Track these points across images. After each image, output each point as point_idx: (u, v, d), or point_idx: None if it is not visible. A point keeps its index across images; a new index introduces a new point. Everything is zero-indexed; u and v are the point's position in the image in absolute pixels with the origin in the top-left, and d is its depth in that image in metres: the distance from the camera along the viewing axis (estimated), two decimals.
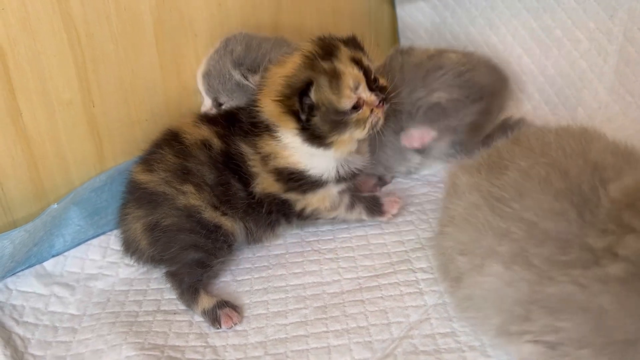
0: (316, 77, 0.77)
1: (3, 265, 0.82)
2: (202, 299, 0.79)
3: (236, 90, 0.95)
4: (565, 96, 1.12)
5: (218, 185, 0.83)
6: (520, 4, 1.15)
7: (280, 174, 0.84)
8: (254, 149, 0.84)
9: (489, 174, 0.67)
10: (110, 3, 0.88)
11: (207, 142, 0.85)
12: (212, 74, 0.95)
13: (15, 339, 0.76)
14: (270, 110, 0.81)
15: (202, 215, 0.82)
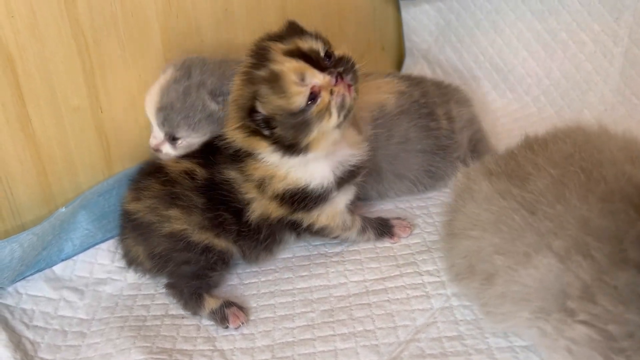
0: (257, 89, 0.73)
1: (13, 268, 0.82)
2: (208, 301, 0.79)
3: (204, 122, 0.86)
4: (571, 98, 1.12)
5: (207, 210, 0.81)
6: (524, 7, 1.15)
7: (283, 197, 0.80)
8: (243, 176, 0.80)
9: (514, 181, 0.69)
10: (118, 9, 0.89)
11: (190, 172, 0.83)
12: (175, 107, 0.85)
13: (25, 343, 0.77)
14: (237, 137, 0.77)
15: (190, 238, 0.80)
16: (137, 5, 0.91)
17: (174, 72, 0.87)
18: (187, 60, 0.89)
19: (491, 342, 0.69)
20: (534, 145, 0.74)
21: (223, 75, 0.87)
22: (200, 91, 0.85)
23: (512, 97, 1.20)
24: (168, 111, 0.85)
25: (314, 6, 1.16)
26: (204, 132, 0.87)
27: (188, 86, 0.85)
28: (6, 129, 0.83)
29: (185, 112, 0.85)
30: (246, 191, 0.81)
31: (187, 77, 0.86)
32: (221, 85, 0.86)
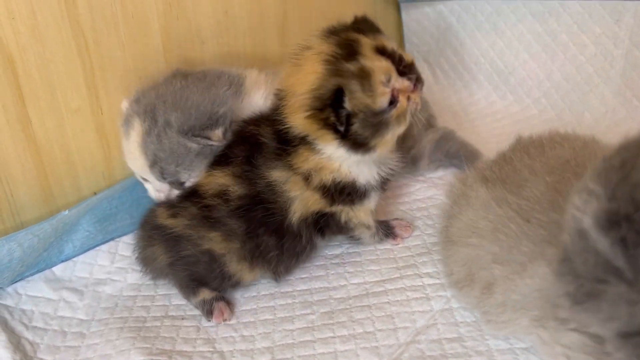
0: (345, 83, 0.70)
1: (13, 269, 0.82)
2: (203, 291, 0.79)
3: (197, 160, 0.80)
4: (572, 101, 1.12)
5: (247, 238, 0.77)
6: (525, 9, 1.15)
7: (329, 189, 0.77)
8: (289, 171, 0.76)
9: (510, 188, 0.69)
10: (118, 10, 0.89)
11: (224, 192, 0.77)
12: (163, 158, 0.79)
13: (25, 344, 0.76)
14: (303, 126, 0.73)
15: (225, 266, 0.78)
16: (138, 6, 0.91)
17: (141, 124, 0.79)
18: (144, 100, 0.81)
19: (491, 344, 0.69)
20: (530, 149, 0.74)
21: (186, 104, 0.79)
22: (169, 134, 0.78)
23: (512, 99, 1.20)
24: (160, 164, 0.79)
25: (314, 8, 1.16)
26: (201, 164, 0.81)
27: (158, 133, 0.78)
28: (7, 130, 0.84)
29: (174, 159, 0.79)
30: (289, 189, 0.76)
31: (154, 123, 0.79)
32: (187, 118, 0.78)
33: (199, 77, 0.84)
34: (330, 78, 0.71)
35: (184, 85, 0.82)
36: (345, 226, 0.83)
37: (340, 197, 0.78)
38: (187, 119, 0.78)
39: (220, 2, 1.01)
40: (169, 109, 0.79)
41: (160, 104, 0.79)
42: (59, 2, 0.83)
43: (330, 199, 0.78)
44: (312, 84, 0.71)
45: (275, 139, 0.77)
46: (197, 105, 0.79)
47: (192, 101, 0.79)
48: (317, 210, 0.79)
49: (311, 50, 0.74)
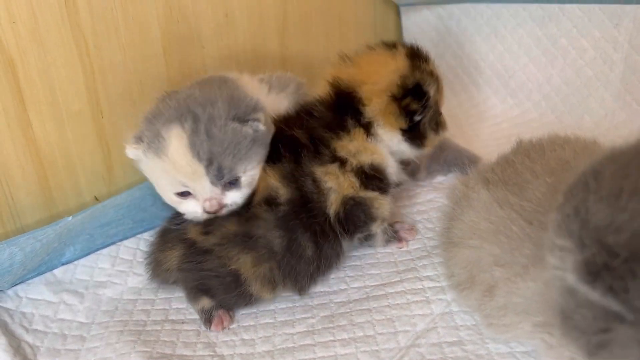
0: (425, 80, 0.82)
1: (14, 273, 0.82)
2: (203, 300, 0.79)
3: (254, 148, 0.75)
4: (571, 104, 1.12)
5: (282, 256, 0.76)
6: (525, 13, 1.16)
7: (365, 172, 0.80)
8: (326, 163, 0.79)
9: (512, 189, 0.69)
10: (119, 14, 0.89)
11: (273, 197, 0.77)
12: (220, 153, 0.72)
13: (25, 347, 0.76)
14: (379, 107, 0.80)
15: (246, 287, 0.76)
16: (139, 10, 0.91)
17: (182, 127, 0.72)
18: (167, 112, 0.74)
19: (491, 348, 0.69)
20: (530, 152, 0.75)
21: (220, 96, 0.75)
22: (219, 124, 0.72)
23: (512, 102, 1.21)
24: (217, 161, 0.72)
25: (314, 11, 1.17)
26: (259, 160, 0.77)
27: (206, 128, 0.72)
28: (7, 133, 0.84)
29: (231, 150, 0.73)
30: (328, 179, 0.78)
31: (197, 120, 0.72)
32: (229, 106, 0.74)
33: (208, 83, 0.80)
34: (414, 72, 0.81)
35: (201, 89, 0.77)
36: (371, 216, 0.82)
37: (373, 182, 0.81)
38: (229, 107, 0.74)
39: (221, 5, 1.02)
40: (205, 103, 0.73)
41: (193, 103, 0.74)
42: (59, 6, 0.83)
43: (364, 183, 0.80)
44: (398, 75, 0.81)
45: (311, 134, 0.80)
46: (229, 96, 0.75)
47: (221, 94, 0.75)
48: (350, 195, 0.80)
49: (386, 50, 0.84)
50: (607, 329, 0.48)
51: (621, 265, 0.45)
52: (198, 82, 0.83)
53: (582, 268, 0.48)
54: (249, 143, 0.75)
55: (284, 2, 1.11)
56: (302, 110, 0.84)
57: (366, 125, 0.81)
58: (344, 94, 0.82)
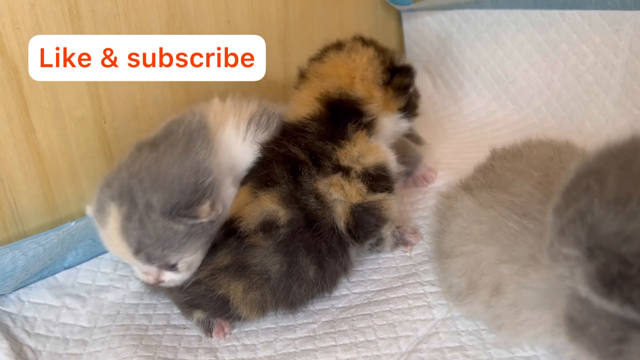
0: (394, 54, 0.88)
1: (16, 277, 0.83)
2: (197, 312, 0.78)
3: (188, 241, 0.71)
4: (572, 109, 1.12)
5: (278, 282, 0.74)
6: (525, 19, 1.16)
7: (370, 175, 0.79)
8: (329, 175, 0.77)
9: (497, 190, 0.69)
10: (122, 21, 0.90)
11: (270, 223, 0.74)
12: (149, 245, 0.70)
13: (27, 352, 0.77)
14: (381, 98, 0.84)
15: (235, 311, 0.75)
16: (141, 17, 0.92)
17: (118, 209, 0.70)
18: (116, 182, 0.72)
19: (493, 353, 0.69)
20: (507, 156, 0.75)
21: (165, 180, 0.70)
22: (152, 216, 0.69)
23: (513, 108, 1.21)
24: (146, 250, 0.70)
25: (316, 17, 1.17)
26: (197, 248, 0.73)
27: (140, 217, 0.69)
28: (11, 139, 0.84)
29: (161, 243, 0.70)
30: (333, 191, 0.77)
31: (134, 206, 0.69)
32: (169, 195, 0.70)
33: (171, 144, 0.75)
34: (382, 54, 0.86)
35: (157, 156, 0.73)
36: (381, 218, 0.81)
37: (380, 183, 0.80)
38: (170, 197, 0.69)
39: (223, 12, 1.02)
40: (147, 188, 0.70)
41: (136, 183, 0.70)
42: (63, 13, 0.84)
43: (371, 186, 0.79)
44: (374, 63, 0.85)
45: (310, 149, 0.79)
46: (178, 178, 0.70)
47: (171, 175, 0.71)
48: (358, 202, 0.78)
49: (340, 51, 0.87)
50: (624, 338, 0.47)
51: (638, 274, 0.44)
52: (163, 139, 0.76)
53: (595, 279, 0.46)
54: (183, 238, 0.71)
55: (285, 9, 1.12)
56: (294, 129, 0.82)
57: (368, 124, 0.82)
58: (339, 102, 0.82)
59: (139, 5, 0.91)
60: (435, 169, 1.04)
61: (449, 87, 1.31)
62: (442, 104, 1.30)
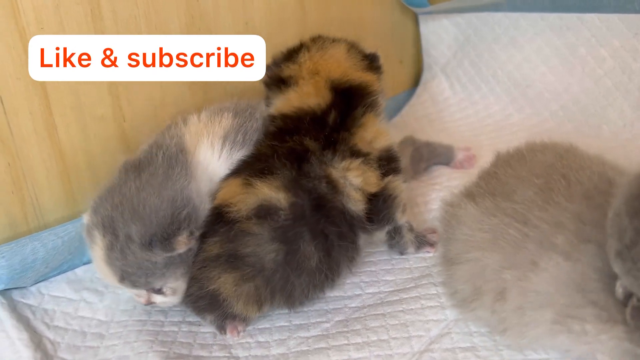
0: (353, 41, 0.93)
1: (36, 269, 0.85)
2: (207, 314, 0.78)
3: (168, 270, 0.73)
4: (590, 114, 1.11)
5: (283, 265, 0.72)
6: (544, 22, 1.16)
7: (382, 158, 0.81)
8: (348, 159, 0.78)
9: (500, 198, 0.70)
10: (142, 22, 0.91)
11: (267, 209, 0.72)
12: (130, 272, 0.73)
13: (46, 343, 0.78)
14: (375, 79, 0.88)
15: (228, 308, 0.75)
16: (161, 18, 0.93)
17: (102, 239, 0.73)
18: (101, 210, 0.74)
19: (505, 355, 0.69)
20: (511, 161, 0.77)
21: (144, 211, 0.72)
22: (132, 248, 0.71)
23: (530, 111, 1.20)
24: (130, 278, 0.73)
25: (333, 19, 1.18)
26: (178, 275, 0.75)
27: (122, 248, 0.72)
28: (34, 137, 0.86)
29: (142, 271, 0.73)
30: (354, 175, 0.78)
31: (115, 237, 0.72)
32: (147, 228, 0.71)
33: (152, 172, 0.76)
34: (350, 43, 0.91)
35: (138, 186, 0.74)
36: (391, 199, 0.81)
37: (390, 165, 0.82)
38: (148, 229, 0.71)
39: (241, 13, 1.03)
40: (127, 220, 0.72)
41: (117, 215, 0.72)
42: (85, 14, 0.85)
43: (384, 170, 0.81)
44: (352, 52, 0.90)
45: (323, 137, 0.79)
46: (156, 210, 0.72)
47: (150, 207, 0.72)
48: (373, 191, 0.79)
49: (323, 44, 0.90)
50: None
51: None
52: (148, 156, 0.79)
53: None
54: (163, 268, 0.73)
55: (303, 11, 1.13)
56: (309, 121, 0.81)
57: (372, 103, 0.85)
58: (348, 89, 0.84)
59: (159, 7, 0.92)
60: (469, 147, 1.09)
61: (465, 90, 1.31)
62: (458, 107, 1.30)
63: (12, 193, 0.86)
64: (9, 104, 0.82)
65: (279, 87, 0.88)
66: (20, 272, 0.83)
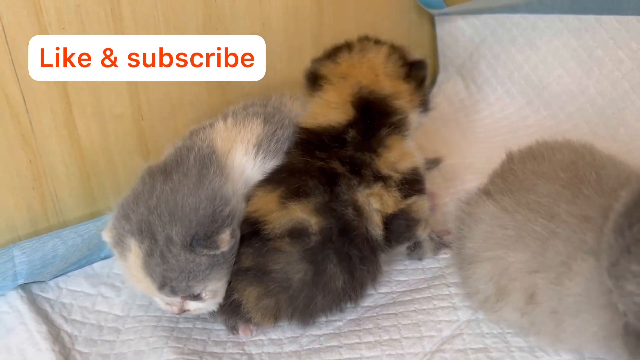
0: (404, 49, 0.89)
1: (56, 265, 0.86)
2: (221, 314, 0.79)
3: (211, 271, 0.71)
4: (607, 116, 1.10)
5: (310, 285, 0.72)
6: (561, 24, 1.15)
7: (406, 180, 0.78)
8: (368, 185, 0.76)
9: (521, 194, 0.69)
10: (161, 21, 0.93)
11: (300, 230, 0.73)
12: (172, 278, 0.70)
13: (64, 336, 0.80)
14: (407, 93, 0.84)
15: (246, 316, 0.75)
16: (180, 18, 0.94)
17: (139, 245, 0.70)
18: (134, 216, 0.71)
19: (517, 357, 0.69)
20: (527, 158, 0.75)
21: (183, 211, 0.70)
22: (173, 251, 0.69)
23: (546, 113, 1.19)
24: (171, 284, 0.70)
25: (349, 20, 1.18)
26: (222, 276, 0.73)
27: (162, 252, 0.69)
28: (54, 134, 0.88)
29: (185, 276, 0.70)
30: (373, 201, 0.77)
31: (154, 242, 0.69)
32: (188, 228, 0.69)
33: (184, 173, 0.74)
34: (394, 50, 0.87)
35: (172, 188, 0.72)
36: (413, 220, 0.79)
37: (414, 186, 0.79)
38: (189, 229, 0.69)
39: (258, 14, 1.04)
40: (166, 222, 0.69)
41: (155, 219, 0.70)
42: (105, 15, 0.87)
43: (405, 192, 0.78)
44: (391, 59, 0.86)
45: (349, 161, 0.77)
46: (195, 209, 0.70)
47: (188, 206, 0.70)
48: (392, 212, 0.77)
49: (351, 51, 0.88)
50: None
51: None
52: (176, 158, 0.77)
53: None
54: (207, 269, 0.71)
55: (320, 11, 1.13)
56: (329, 139, 0.80)
57: (399, 122, 0.81)
58: (370, 103, 0.81)
59: (177, 7, 0.94)
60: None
61: (481, 92, 1.30)
62: (474, 108, 1.30)
63: (33, 189, 0.88)
64: (31, 102, 0.84)
65: (312, 86, 0.86)
66: (40, 268, 0.85)
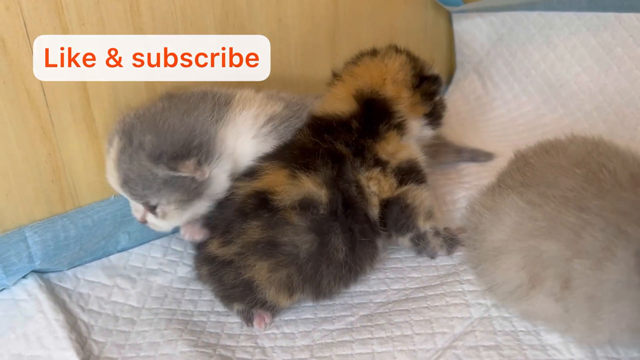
0: (426, 64, 0.92)
1: (70, 250, 0.88)
2: (236, 304, 0.80)
3: (165, 189, 0.76)
4: (624, 115, 1.09)
5: (315, 255, 0.75)
6: (579, 22, 1.14)
7: (403, 169, 0.83)
8: (369, 168, 0.81)
9: (544, 186, 0.69)
10: (178, 18, 0.93)
11: (309, 202, 0.76)
12: (131, 178, 0.76)
13: (81, 325, 0.81)
14: (409, 99, 0.87)
15: (261, 294, 0.76)
16: (197, 15, 0.95)
17: (119, 141, 0.77)
18: (127, 120, 0.79)
19: (529, 354, 0.68)
20: (541, 152, 0.76)
21: (162, 127, 0.76)
22: (140, 156, 0.75)
23: (563, 112, 1.19)
24: (129, 184, 0.76)
25: (365, 17, 1.18)
26: (173, 199, 0.77)
27: (131, 153, 0.75)
28: (73, 128, 0.89)
29: (141, 181, 0.76)
30: (371, 184, 0.81)
31: (129, 142, 0.76)
32: (161, 142, 0.75)
33: (183, 99, 0.80)
34: (414, 62, 0.90)
35: (165, 107, 0.79)
36: (408, 208, 0.82)
37: (410, 175, 0.83)
38: (161, 144, 0.75)
39: (274, 10, 1.05)
40: (145, 130, 0.76)
41: (137, 124, 0.77)
42: (124, 11, 0.88)
43: (401, 179, 0.83)
44: (406, 68, 0.89)
45: (353, 144, 0.82)
46: (173, 129, 0.76)
47: (169, 125, 0.76)
48: (386, 197, 0.82)
49: (374, 56, 0.91)
50: None
51: None
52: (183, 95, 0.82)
53: None
54: (161, 184, 0.76)
55: (336, 8, 1.13)
56: (337, 124, 0.84)
57: (398, 125, 0.85)
58: (371, 100, 0.85)
59: (195, 4, 0.94)
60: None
61: (498, 89, 1.30)
62: (491, 106, 1.29)
63: (52, 182, 0.90)
64: (51, 96, 0.85)
65: (329, 83, 0.91)
66: (54, 250, 0.87)
